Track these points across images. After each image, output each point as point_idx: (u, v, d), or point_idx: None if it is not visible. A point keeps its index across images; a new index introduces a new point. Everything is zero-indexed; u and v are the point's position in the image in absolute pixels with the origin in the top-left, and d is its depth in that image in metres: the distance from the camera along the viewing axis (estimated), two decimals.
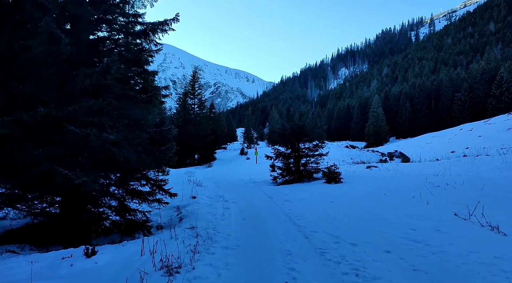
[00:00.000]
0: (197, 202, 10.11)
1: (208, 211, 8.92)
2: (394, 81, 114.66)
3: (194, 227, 7.12)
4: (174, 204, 10.30)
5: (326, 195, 11.42)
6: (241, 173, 25.19)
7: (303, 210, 9.15)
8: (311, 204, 9.96)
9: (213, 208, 9.39)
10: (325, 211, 8.83)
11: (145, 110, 7.52)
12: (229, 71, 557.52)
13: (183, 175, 21.38)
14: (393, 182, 12.45)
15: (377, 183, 12.77)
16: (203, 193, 12.34)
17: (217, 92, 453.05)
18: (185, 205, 9.94)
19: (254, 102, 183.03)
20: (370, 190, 11.33)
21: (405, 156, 31.31)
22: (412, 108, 74.01)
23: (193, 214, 8.53)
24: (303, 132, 17.29)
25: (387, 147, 52.63)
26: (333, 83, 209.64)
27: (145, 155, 7.44)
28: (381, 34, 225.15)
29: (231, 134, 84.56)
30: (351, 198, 10.45)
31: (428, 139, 46.74)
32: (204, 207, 9.49)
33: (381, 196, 10.18)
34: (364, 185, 12.52)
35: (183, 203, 10.30)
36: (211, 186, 15.27)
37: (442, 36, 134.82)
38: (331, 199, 10.60)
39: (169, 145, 7.44)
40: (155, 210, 9.73)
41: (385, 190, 10.81)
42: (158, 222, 8.97)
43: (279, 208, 9.61)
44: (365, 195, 10.61)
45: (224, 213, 8.82)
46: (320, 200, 10.53)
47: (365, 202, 9.64)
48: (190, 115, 44.18)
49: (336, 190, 12.31)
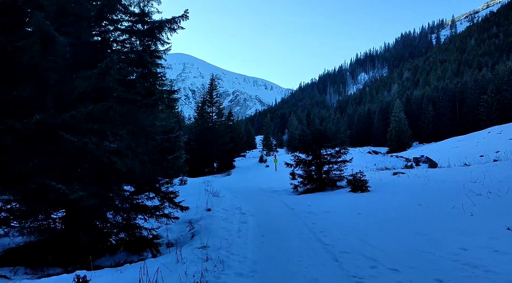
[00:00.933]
0: (212, 216, 9.26)
1: (222, 226, 8.05)
2: (416, 85, 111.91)
3: (206, 246, 6.28)
4: (188, 217, 9.50)
5: (353, 206, 10.40)
6: (260, 181, 24.27)
7: (329, 223, 8.17)
8: (337, 217, 8.96)
9: (228, 222, 8.52)
10: (355, 224, 7.83)
11: (151, 116, 6.76)
12: (247, 79, 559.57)
13: (200, 184, 20.70)
14: (426, 190, 11.32)
15: (409, 191, 11.65)
16: (219, 204, 11.51)
17: (235, 100, 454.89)
18: (199, 218, 9.11)
19: (272, 110, 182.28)
20: (403, 200, 10.25)
21: (432, 161, 29.79)
22: (435, 112, 71.65)
23: (206, 229, 7.69)
24: (324, 138, 16.29)
25: (410, 151, 50.81)
26: (352, 88, 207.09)
27: (151, 164, 6.67)
28: (401, 38, 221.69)
29: (250, 142, 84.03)
30: (382, 209, 9.40)
31: (454, 143, 44.82)
32: (218, 221, 8.64)
33: (416, 206, 9.10)
34: (395, 194, 11.42)
35: (197, 216, 9.48)
36: (228, 196, 14.45)
37: (464, 38, 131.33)
38: (359, 210, 9.58)
39: (178, 154, 6.65)
40: (165, 225, 8.96)
41: (419, 200, 9.72)
42: (168, 239, 8.17)
43: (301, 221, 8.66)
44: (398, 206, 9.54)
45: (241, 228, 7.94)
46: (347, 212, 9.53)
47: (399, 213, 8.59)
48: (208, 123, 43.73)
49: (363, 199, 11.25)
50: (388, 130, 67.89)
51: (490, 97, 59.90)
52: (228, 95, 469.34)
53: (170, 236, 8.40)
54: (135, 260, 7.15)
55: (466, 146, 38.71)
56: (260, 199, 13.95)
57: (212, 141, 41.50)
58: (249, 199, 13.87)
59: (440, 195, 10.18)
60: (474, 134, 48.29)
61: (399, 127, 65.10)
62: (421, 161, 30.13)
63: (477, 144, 38.25)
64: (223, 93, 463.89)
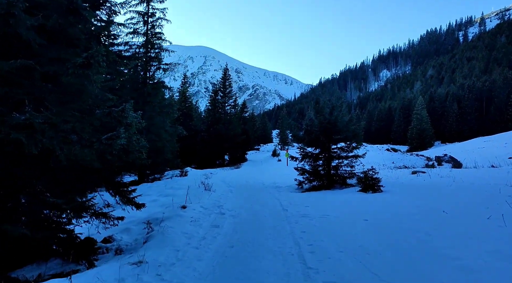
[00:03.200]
0: (181, 215, 7.49)
1: (185, 231, 6.28)
2: (440, 83, 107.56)
3: (142, 261, 4.52)
4: (155, 216, 7.80)
5: (359, 209, 8.44)
6: (267, 175, 22.45)
7: (322, 233, 6.26)
8: (335, 223, 7.02)
9: (196, 225, 6.73)
10: (356, 236, 5.90)
11: (85, 80, 4.99)
12: (267, 73, 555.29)
13: (200, 176, 19.07)
14: (452, 193, 9.24)
15: (430, 193, 9.59)
16: (200, 200, 9.76)
17: (255, 94, 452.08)
18: (166, 218, 7.36)
19: (291, 104, 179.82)
20: (422, 204, 8.22)
21: (456, 160, 27.30)
22: (460, 110, 68.24)
23: (162, 235, 5.92)
24: (334, 129, 14.27)
25: (432, 151, 48.02)
26: (373, 85, 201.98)
27: (81, 146, 4.93)
28: (426, 35, 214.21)
29: (266, 135, 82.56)
30: (395, 216, 7.40)
31: (480, 143, 42.05)
32: (185, 223, 6.86)
33: (439, 213, 7.09)
34: (413, 197, 9.37)
35: (166, 214, 7.75)
36: (220, 191, 12.72)
37: (494, 35, 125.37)
38: (365, 215, 7.62)
39: (116, 133, 4.87)
40: (125, 225, 7.28)
41: (443, 205, 7.69)
42: (120, 244, 6.46)
43: (290, 228, 6.75)
44: (416, 212, 7.52)
45: (208, 235, 6.13)
46: (350, 217, 7.58)
47: (417, 223, 6.60)
48: (220, 113, 42.09)
49: (374, 201, 9.26)
50: (409, 128, 64.87)
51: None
52: (248, 89, 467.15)
53: (126, 239, 6.71)
54: (65, 272, 5.48)
55: (493, 147, 36.21)
56: (255, 196, 12.11)
57: (223, 132, 39.88)
58: (242, 195, 12.08)
59: (470, 200, 8.13)
60: (502, 135, 45.51)
61: (420, 126, 62.01)
62: (443, 160, 27.66)
63: (505, 145, 35.94)
64: (243, 87, 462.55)
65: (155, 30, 20.29)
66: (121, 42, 20.54)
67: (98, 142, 4.82)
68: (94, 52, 4.73)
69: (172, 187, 13.91)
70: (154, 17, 20.24)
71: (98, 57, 4.79)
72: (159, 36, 20.36)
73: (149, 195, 12.61)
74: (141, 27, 20.18)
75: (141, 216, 8.63)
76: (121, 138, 4.87)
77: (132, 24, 20.08)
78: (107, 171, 6.10)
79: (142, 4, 19.91)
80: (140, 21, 20.13)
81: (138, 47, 20.45)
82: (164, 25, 20.49)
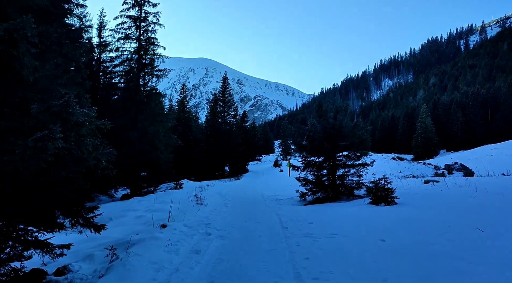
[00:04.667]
0: (157, 237, 6.14)
1: (156, 259, 4.95)
2: (443, 91, 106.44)
3: None
4: (129, 238, 6.47)
5: (373, 226, 7.09)
6: (268, 187, 21.09)
7: (331, 260, 4.91)
8: (346, 246, 5.66)
9: (172, 251, 5.39)
10: (376, 266, 4.55)
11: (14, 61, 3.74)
12: (269, 84, 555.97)
13: (195, 189, 17.77)
14: (480, 206, 7.86)
15: (453, 206, 8.20)
16: (188, 217, 8.42)
17: (256, 105, 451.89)
18: (138, 241, 6.03)
19: (293, 114, 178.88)
20: (447, 219, 6.87)
21: (467, 168, 25.89)
22: (464, 118, 66.81)
23: (124, 266, 4.59)
24: (339, 135, 12.97)
25: (438, 159, 46.56)
26: (376, 94, 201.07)
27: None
28: (427, 43, 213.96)
29: (268, 146, 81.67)
30: (418, 235, 6.03)
31: (488, 151, 40.58)
32: (158, 248, 5.52)
33: (473, 231, 5.74)
34: (434, 210, 7.99)
35: (141, 236, 6.43)
36: (214, 205, 11.41)
37: (496, 43, 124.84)
38: (382, 233, 6.27)
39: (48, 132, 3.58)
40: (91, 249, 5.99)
41: (474, 221, 6.34)
42: (78, 274, 5.14)
43: (290, 253, 5.39)
44: (443, 229, 6.15)
45: (182, 266, 4.79)
46: (363, 237, 6.23)
47: (448, 245, 5.25)
48: (220, 123, 40.88)
49: (388, 216, 7.88)
50: (413, 136, 63.36)
51: None
52: (249, 100, 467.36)
53: (85, 268, 5.37)
54: None
55: (502, 155, 34.96)
56: (252, 210, 10.77)
57: (223, 142, 38.65)
58: (237, 210, 10.75)
59: (504, 214, 6.78)
60: (509, 142, 44.12)
61: (425, 134, 60.53)
62: (454, 169, 26.24)
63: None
64: (244, 98, 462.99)
65: (148, 35, 19.27)
66: (113, 48, 19.54)
67: (23, 145, 3.54)
68: (18, 23, 3.48)
69: (163, 201, 12.61)
70: (147, 21, 19.28)
71: (26, 30, 3.54)
72: (153, 41, 19.35)
73: (135, 210, 11.37)
74: (133, 32, 19.19)
75: (116, 236, 7.34)
76: (56, 139, 3.58)
77: (123, 29, 19.09)
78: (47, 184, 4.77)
79: (134, 8, 18.94)
80: (132, 25, 19.15)
81: (130, 53, 19.43)
82: (157, 29, 19.55)
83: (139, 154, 17.89)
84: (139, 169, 18.55)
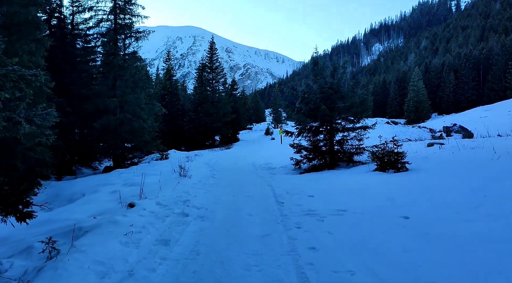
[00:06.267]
0: (117, 222, 4.72)
1: (104, 258, 3.57)
2: (435, 54, 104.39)
3: None
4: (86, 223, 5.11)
5: (387, 198, 5.79)
6: (260, 155, 19.76)
7: (346, 251, 3.60)
8: (362, 227, 4.34)
9: (130, 245, 3.97)
10: (412, 260, 3.27)
11: None
12: (258, 52, 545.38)
13: (182, 160, 16.43)
14: (507, 170, 6.61)
15: (476, 171, 6.91)
16: (164, 192, 7.05)
17: (246, 74, 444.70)
18: (93, 227, 4.66)
19: (283, 82, 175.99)
20: (475, 187, 5.60)
21: (467, 130, 24.79)
22: (456, 81, 65.42)
23: (55, 270, 3.24)
24: (338, 95, 11.53)
25: (431, 123, 45.54)
26: (366, 59, 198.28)
27: None
28: (418, 6, 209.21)
29: (259, 114, 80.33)
30: (448, 209, 4.76)
31: (481, 113, 39.59)
32: (115, 238, 4.12)
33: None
34: (455, 177, 6.68)
35: (98, 220, 5.07)
36: (198, 177, 10.06)
37: (488, 2, 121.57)
38: (402, 209, 4.99)
39: None
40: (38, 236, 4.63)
41: (507, 189, 5.10)
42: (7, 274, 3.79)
43: (288, 242, 4.02)
44: (476, 201, 4.88)
45: (137, 269, 3.39)
46: (380, 214, 4.93)
47: (491, 222, 3.98)
48: (208, 91, 38.97)
49: (404, 185, 6.59)
50: (405, 101, 62.16)
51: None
52: (239, 68, 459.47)
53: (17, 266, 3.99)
54: None
55: (496, 116, 33.88)
56: (242, 182, 9.45)
57: (212, 111, 36.93)
58: (225, 182, 9.43)
59: None
60: (503, 103, 43.18)
61: (417, 98, 59.34)
62: (453, 131, 25.11)
63: (509, 113, 33.47)
64: (234, 67, 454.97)
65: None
66: (86, 7, 17.48)
67: None
68: None
69: (144, 173, 11.19)
70: None
71: None
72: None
73: (112, 184, 9.96)
74: None
75: (78, 217, 6.01)
76: None
77: None
78: None
79: None
80: None
81: (106, 14, 17.41)
82: None
83: (120, 123, 16.38)
84: (121, 139, 17.08)
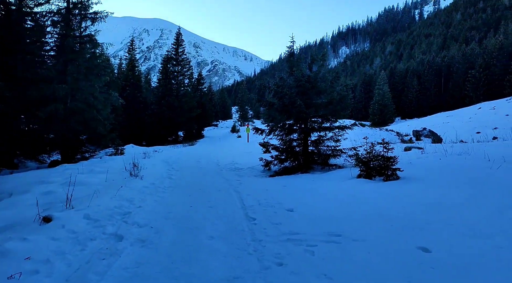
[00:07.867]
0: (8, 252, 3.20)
1: None
2: (399, 59, 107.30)
3: None
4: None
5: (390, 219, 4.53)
6: (225, 154, 18.27)
7: None
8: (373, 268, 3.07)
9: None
10: None
11: None
12: (226, 49, 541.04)
13: (139, 155, 14.74)
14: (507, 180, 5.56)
15: (482, 182, 5.83)
16: (101, 199, 5.47)
17: (214, 70, 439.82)
18: None
19: (251, 80, 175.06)
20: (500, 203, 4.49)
21: (436, 135, 24.52)
22: (420, 86, 67.21)
23: None
24: (315, 90, 10.30)
25: (395, 126, 46.04)
26: (333, 62, 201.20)
27: None
28: (384, 12, 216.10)
29: (225, 111, 78.96)
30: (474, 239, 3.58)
31: (443, 118, 40.69)
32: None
33: None
34: (463, 190, 5.50)
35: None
36: (153, 178, 8.51)
37: (450, 12, 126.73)
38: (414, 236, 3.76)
39: None
40: None
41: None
42: None
43: None
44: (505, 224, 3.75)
45: None
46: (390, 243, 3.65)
47: None
48: (173, 84, 36.90)
49: (401, 199, 5.37)
50: (371, 104, 62.82)
51: (478, 73, 55.40)
52: (207, 64, 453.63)
53: None
54: None
55: (457, 122, 34.84)
56: (204, 186, 7.98)
57: (176, 105, 34.88)
58: (184, 185, 7.93)
59: None
60: (463, 110, 44.67)
61: (382, 101, 60.04)
62: (423, 135, 24.75)
63: (470, 119, 34.69)
64: (201, 62, 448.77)
65: None
66: None
67: None
68: None
69: (92, 170, 9.50)
70: None
71: None
72: None
73: (49, 183, 8.04)
74: None
75: None
76: None
77: None
78: None
79: None
80: None
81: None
82: None
83: (70, 113, 14.44)
84: (72, 130, 15.09)
